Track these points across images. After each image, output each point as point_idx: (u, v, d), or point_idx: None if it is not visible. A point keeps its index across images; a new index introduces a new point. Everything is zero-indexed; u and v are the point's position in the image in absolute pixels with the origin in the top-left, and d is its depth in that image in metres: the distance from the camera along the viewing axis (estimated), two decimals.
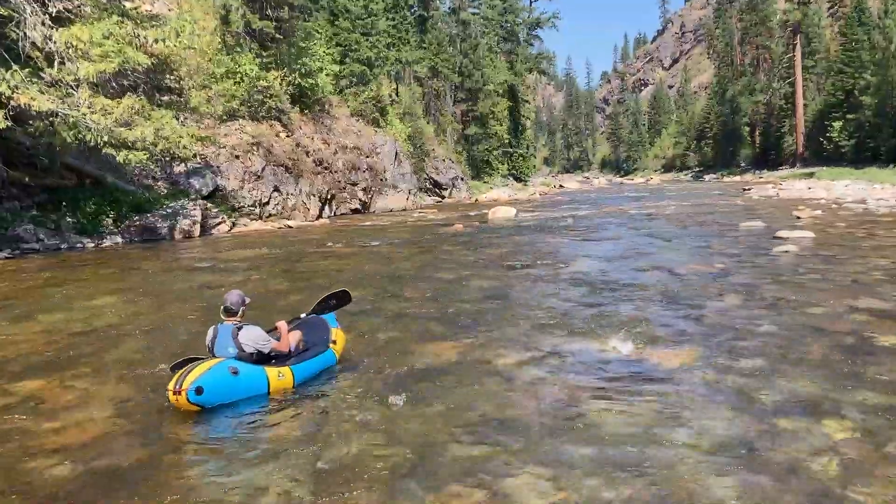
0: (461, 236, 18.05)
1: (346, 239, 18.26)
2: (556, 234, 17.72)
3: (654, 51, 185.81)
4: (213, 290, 9.81)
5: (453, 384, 5.45)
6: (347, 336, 6.56)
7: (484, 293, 9.28)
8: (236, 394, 5.31)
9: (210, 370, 5.14)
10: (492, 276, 10.72)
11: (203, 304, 9.08)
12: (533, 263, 12.04)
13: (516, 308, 8.37)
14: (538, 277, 10.49)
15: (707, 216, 21.09)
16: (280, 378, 5.55)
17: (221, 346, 5.48)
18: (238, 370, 5.29)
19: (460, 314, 8.04)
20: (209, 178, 24.50)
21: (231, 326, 5.53)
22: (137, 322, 8.10)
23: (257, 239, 19.14)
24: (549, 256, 12.91)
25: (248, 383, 5.37)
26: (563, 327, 7.20)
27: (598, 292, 9.04)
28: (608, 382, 5.35)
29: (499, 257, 13.07)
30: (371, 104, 36.80)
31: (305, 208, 27.96)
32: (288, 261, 13.62)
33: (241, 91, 27.63)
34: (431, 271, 11.49)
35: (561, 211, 27.41)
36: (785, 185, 42.66)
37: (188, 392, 4.96)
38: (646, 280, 9.87)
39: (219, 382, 5.15)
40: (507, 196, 43.42)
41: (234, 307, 5.58)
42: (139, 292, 10.10)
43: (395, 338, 7.06)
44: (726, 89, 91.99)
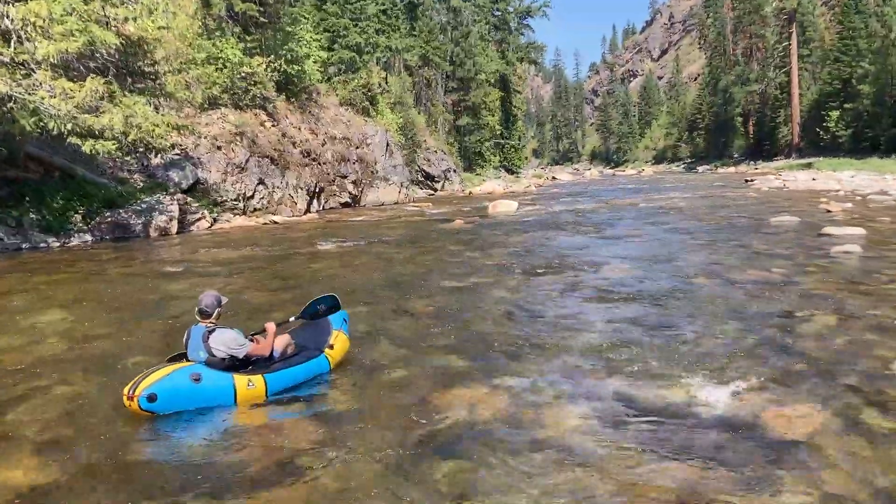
0: (463, 233, 16.55)
1: (338, 236, 16.72)
2: (569, 230, 16.23)
3: (642, 42, 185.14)
4: (183, 302, 8.31)
5: (494, 462, 3.86)
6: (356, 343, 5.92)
7: (506, 308, 7.82)
8: (196, 402, 4.98)
9: (168, 376, 4.88)
10: (510, 286, 9.26)
11: (171, 320, 7.59)
12: (554, 267, 10.57)
13: (552, 331, 6.81)
14: (566, 286, 9.03)
15: (724, 210, 19.69)
16: (249, 387, 5.15)
17: (193, 349, 5.22)
18: (201, 377, 4.97)
19: (484, 339, 6.55)
20: (189, 170, 22.89)
21: (203, 329, 5.23)
22: (87, 348, 6.59)
23: (240, 236, 17.58)
24: (570, 258, 11.43)
25: (212, 392, 5.02)
26: (620, 361, 5.65)
27: (648, 307, 7.58)
28: (717, 466, 3.67)
29: (512, 259, 11.61)
30: (361, 92, 35.15)
31: (292, 202, 26.38)
32: (272, 263, 12.09)
33: (223, 78, 25.97)
34: (438, 277, 10.02)
35: (563, 204, 25.96)
36: (785, 175, 41.45)
37: (140, 399, 4.72)
38: (700, 291, 8.37)
39: (176, 390, 4.87)
40: (501, 189, 41.96)
41: (208, 309, 5.25)
42: (97, 305, 8.57)
43: (403, 378, 5.56)
44: (718, 79, 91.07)
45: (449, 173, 44.87)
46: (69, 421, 4.72)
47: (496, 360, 5.88)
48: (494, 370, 5.57)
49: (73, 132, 14.65)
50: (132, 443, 4.42)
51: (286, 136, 27.87)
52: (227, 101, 26.08)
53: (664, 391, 4.86)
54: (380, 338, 6.73)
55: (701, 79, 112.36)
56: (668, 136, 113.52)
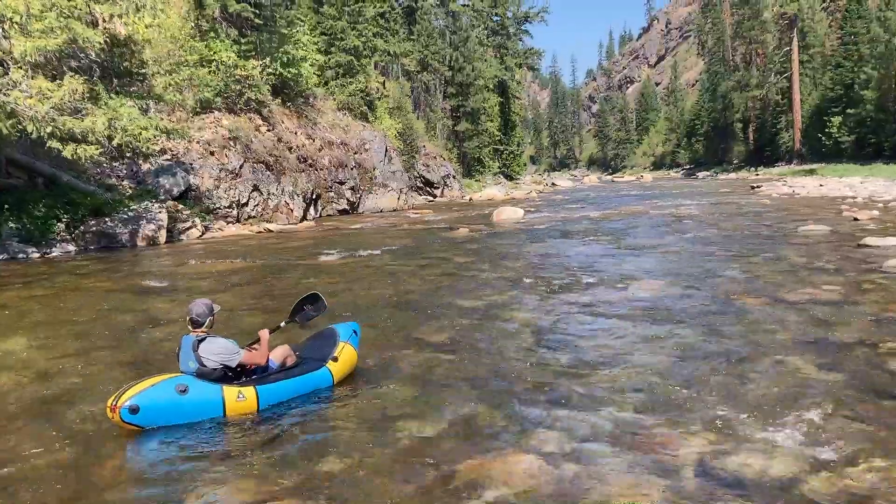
0: (470, 243, 15.57)
1: (336, 246, 15.74)
2: (583, 240, 15.21)
3: (639, 48, 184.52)
4: (163, 327, 7.36)
5: None
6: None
7: (530, 335, 6.81)
8: (182, 416, 4.74)
9: (153, 388, 4.66)
10: (530, 305, 8.24)
11: (147, 347, 6.64)
12: (576, 283, 9.56)
13: (590, 367, 5.61)
14: (595, 307, 7.97)
15: (741, 217, 18.74)
16: (240, 399, 4.89)
17: (184, 360, 4.98)
18: (188, 388, 4.74)
19: (507, 377, 5.51)
20: (180, 176, 21.94)
21: (192, 338, 4.98)
22: (43, 385, 5.61)
23: (232, 246, 16.59)
24: (592, 272, 10.38)
25: (198, 405, 4.78)
26: (685, 412, 4.53)
27: (697, 334, 6.56)
28: None
29: (527, 273, 10.61)
30: (359, 97, 34.25)
31: (288, 209, 25.41)
32: (265, 277, 11.11)
33: (216, 80, 25.04)
34: (448, 294, 9.05)
35: (570, 211, 25.01)
36: (791, 181, 40.63)
37: (121, 410, 4.50)
38: (751, 314, 7.21)
39: (160, 402, 4.65)
40: (502, 195, 41.05)
41: (199, 318, 5.02)
42: (67, 328, 7.60)
43: (412, 422, 4.59)
44: (717, 85, 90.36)
45: (448, 179, 43.99)
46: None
47: (525, 406, 4.85)
48: (524, 422, 4.57)
49: (53, 136, 13.69)
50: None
51: (282, 141, 26.94)
52: (220, 104, 25.16)
53: (753, 459, 3.80)
54: (387, 369, 5.80)
55: (699, 85, 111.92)
56: (667, 143, 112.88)
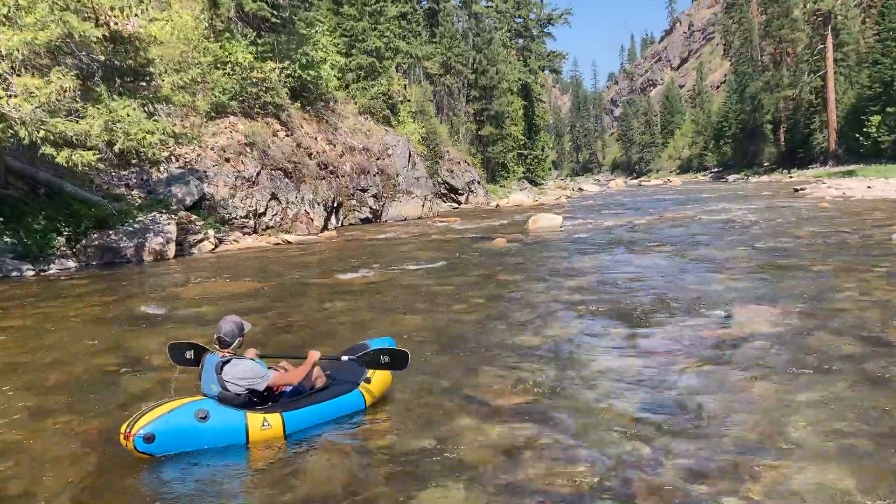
0: (510, 255, 13.88)
1: (360, 260, 14.17)
2: (641, 252, 13.24)
3: (661, 51, 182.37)
4: (141, 374, 5.84)
5: None
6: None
7: (638, 404, 4.84)
8: (201, 443, 4.27)
9: (170, 414, 4.21)
10: (618, 347, 6.30)
11: (113, 406, 5.10)
12: (664, 312, 7.59)
13: (750, 467, 3.69)
14: (709, 352, 5.95)
15: (808, 224, 16.84)
16: (265, 427, 4.41)
17: (206, 382, 4.51)
18: (208, 415, 4.28)
19: (605, 466, 3.86)
20: (193, 184, 20.56)
21: (217, 359, 4.49)
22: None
23: (246, 261, 15.10)
24: (676, 295, 8.41)
25: (220, 432, 4.31)
26: None
27: (861, 393, 4.80)
28: None
29: (593, 296, 8.73)
30: (381, 100, 32.78)
31: (308, 219, 23.95)
32: (280, 300, 9.50)
33: (231, 83, 23.67)
34: (502, 328, 7.32)
35: (609, 217, 23.25)
36: (833, 183, 38.51)
37: (135, 439, 4.05)
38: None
39: (178, 429, 4.20)
40: (530, 200, 39.37)
41: (226, 337, 4.53)
42: (19, 377, 6.06)
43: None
44: (746, 86, 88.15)
45: (473, 185, 42.43)
46: None
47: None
48: None
49: (46, 140, 12.29)
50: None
51: (301, 147, 25.51)
52: (235, 108, 23.78)
53: None
54: (439, 450, 4.18)
55: (725, 86, 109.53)
56: (693, 146, 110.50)
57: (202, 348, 4.91)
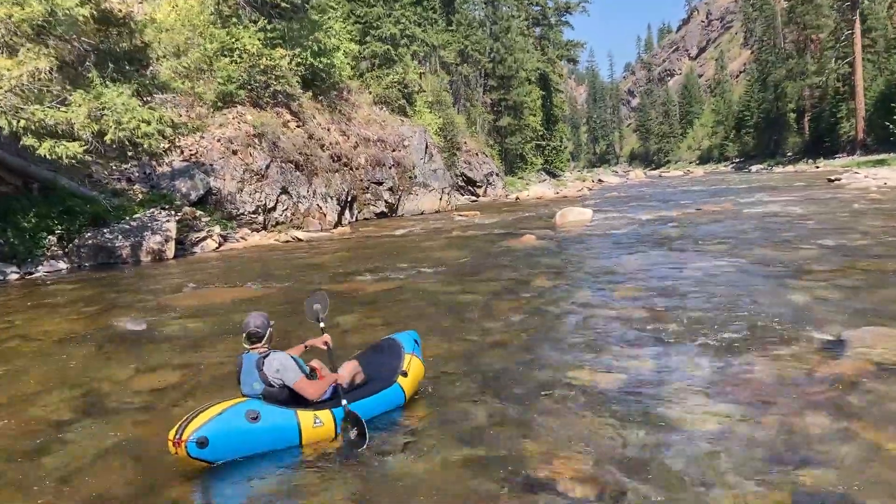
0: (544, 255, 12.47)
1: (377, 261, 12.86)
2: (693, 251, 11.54)
3: (679, 40, 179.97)
4: (98, 426, 4.58)
5: None
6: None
7: (765, 473, 3.59)
8: (255, 446, 4.00)
9: (220, 416, 3.90)
10: (707, 379, 4.99)
11: (84, 453, 3.83)
12: (765, 337, 5.90)
13: None
14: (835, 399, 4.47)
15: (866, 218, 15.26)
16: (317, 425, 4.20)
17: (246, 381, 4.27)
18: (259, 415, 4.01)
19: None
20: (199, 178, 19.38)
21: (255, 356, 4.29)
22: None
23: (251, 261, 13.83)
24: (764, 311, 6.77)
25: (273, 433, 4.05)
26: None
27: None
28: None
29: (659, 310, 7.17)
30: (396, 89, 31.43)
31: (321, 214, 22.71)
32: (284, 317, 7.80)
33: (239, 71, 22.44)
34: (554, 356, 5.78)
35: (640, 210, 21.79)
36: (868, 173, 36.75)
37: (188, 444, 3.74)
38: None
39: (231, 432, 3.88)
40: (552, 193, 37.94)
41: (259, 331, 4.33)
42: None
43: None
44: (768, 74, 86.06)
45: (491, 177, 41.07)
46: None
47: None
48: None
49: (28, 130, 11.08)
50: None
51: (313, 139, 24.25)
52: (244, 98, 22.55)
53: None
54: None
55: (745, 75, 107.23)
56: (714, 136, 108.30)
57: None
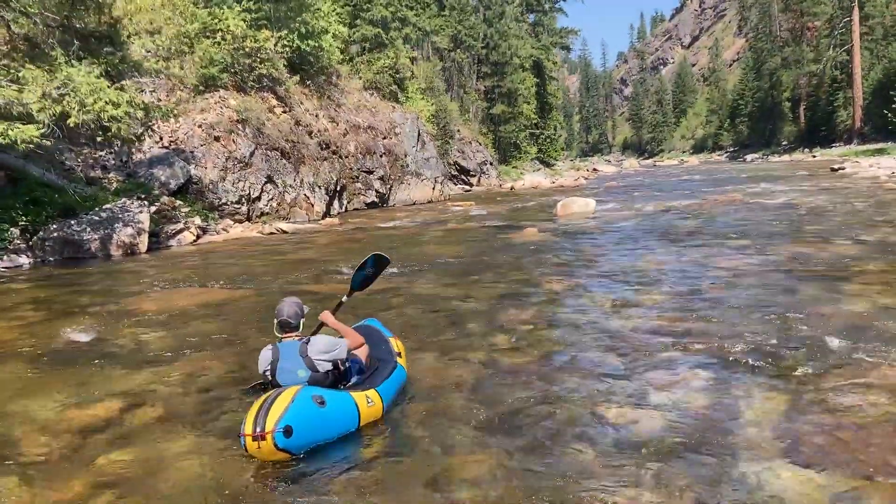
0: (550, 251, 11.40)
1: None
2: (713, 247, 10.44)
3: (672, 29, 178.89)
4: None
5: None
6: None
7: None
8: (327, 433, 3.76)
9: (295, 402, 3.58)
10: (782, 421, 3.94)
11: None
12: (814, 352, 5.01)
13: None
14: None
15: (889, 209, 14.42)
16: (370, 405, 4.05)
17: (287, 369, 3.99)
18: (325, 400, 3.74)
19: None
20: (179, 166, 18.27)
21: (296, 343, 4.09)
22: None
23: (229, 258, 12.75)
24: (811, 324, 5.74)
25: (339, 416, 3.83)
26: None
27: None
28: None
29: (688, 320, 6.13)
30: (388, 74, 30.28)
31: (308, 204, 21.64)
32: (256, 324, 6.62)
33: (222, 53, 21.29)
34: (582, 386, 4.65)
35: (642, 201, 20.80)
36: (872, 162, 35.98)
37: (276, 435, 3.43)
38: None
39: (309, 419, 3.61)
40: (548, 182, 36.96)
41: (292, 320, 4.21)
42: None
43: None
44: (763, 63, 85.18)
45: (485, 166, 40.04)
46: None
47: None
48: None
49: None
50: None
51: (300, 125, 23.14)
52: (227, 81, 21.41)
53: None
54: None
55: (739, 64, 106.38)
56: (708, 125, 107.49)
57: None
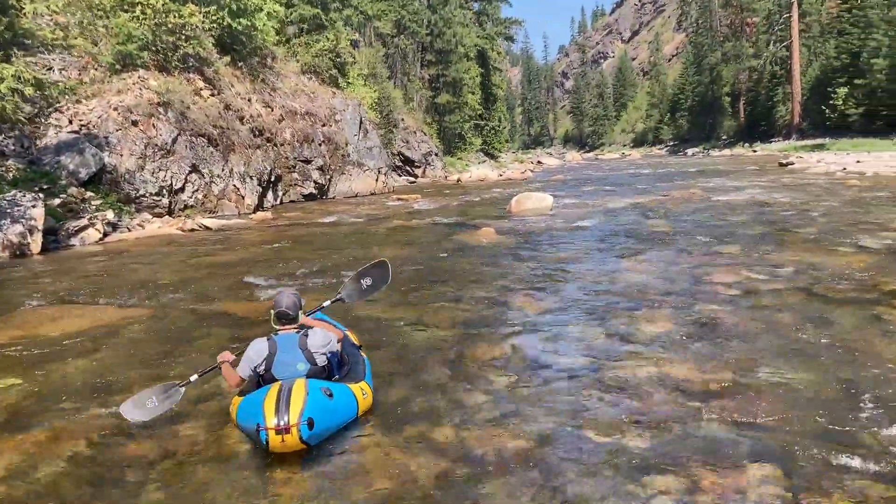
0: (512, 258, 9.73)
1: (296, 262, 10.08)
2: (698, 254, 9.06)
3: (612, 23, 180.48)
4: None
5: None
6: None
7: None
8: (336, 424, 3.73)
9: (310, 394, 3.54)
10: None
11: None
12: (876, 409, 3.79)
13: None
14: None
15: (872, 207, 13.41)
16: (364, 396, 4.05)
17: (286, 362, 3.89)
18: (332, 392, 3.73)
19: None
20: (90, 153, 16.21)
21: (295, 335, 4.00)
22: None
23: (137, 261, 10.91)
24: (885, 370, 4.47)
25: (344, 408, 3.82)
26: None
27: None
28: None
29: (695, 355, 4.96)
30: (327, 58, 28.41)
31: (239, 196, 19.76)
32: (149, 355, 5.28)
33: (142, 30, 19.16)
34: (580, 476, 3.28)
35: (598, 197, 19.56)
36: (821, 158, 35.82)
37: (301, 427, 3.38)
38: None
39: (324, 410, 3.58)
40: (495, 175, 35.63)
41: (290, 311, 4.07)
42: None
43: None
44: (703, 57, 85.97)
45: (430, 157, 38.54)
46: None
47: None
48: None
49: None
50: None
51: (230, 110, 21.19)
52: (147, 60, 19.31)
53: None
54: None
55: (678, 58, 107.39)
56: (648, 119, 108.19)
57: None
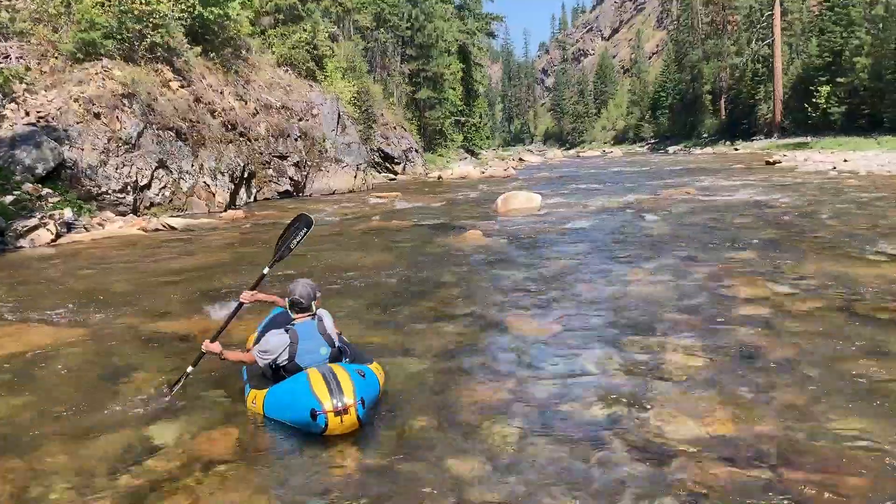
0: (503, 266, 8.71)
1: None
2: (703, 259, 8.30)
3: (593, 21, 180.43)
4: None
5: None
6: None
7: None
8: (373, 401, 3.88)
9: (353, 375, 3.70)
10: None
11: None
12: None
13: None
14: None
15: (881, 207, 12.73)
16: (381, 375, 4.17)
17: (310, 349, 3.97)
18: (364, 372, 3.85)
19: None
20: (48, 147, 15.14)
21: (312, 321, 4.10)
22: None
23: (89, 266, 9.92)
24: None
25: (375, 386, 3.95)
26: None
27: None
28: None
29: (732, 394, 4.13)
30: (304, 50, 27.38)
31: (209, 193, 18.74)
32: (88, 407, 4.41)
33: (106, 17, 18.07)
34: None
35: (586, 196, 18.75)
36: (798, 156, 35.48)
37: (357, 407, 3.53)
38: None
39: (367, 389, 3.75)
40: (477, 173, 34.74)
41: (304, 300, 4.12)
42: None
43: None
44: (685, 55, 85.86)
45: (410, 154, 37.63)
46: None
47: None
48: None
49: None
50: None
51: (201, 102, 20.15)
52: (112, 49, 18.21)
53: None
54: None
55: (658, 56, 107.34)
56: (629, 116, 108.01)
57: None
